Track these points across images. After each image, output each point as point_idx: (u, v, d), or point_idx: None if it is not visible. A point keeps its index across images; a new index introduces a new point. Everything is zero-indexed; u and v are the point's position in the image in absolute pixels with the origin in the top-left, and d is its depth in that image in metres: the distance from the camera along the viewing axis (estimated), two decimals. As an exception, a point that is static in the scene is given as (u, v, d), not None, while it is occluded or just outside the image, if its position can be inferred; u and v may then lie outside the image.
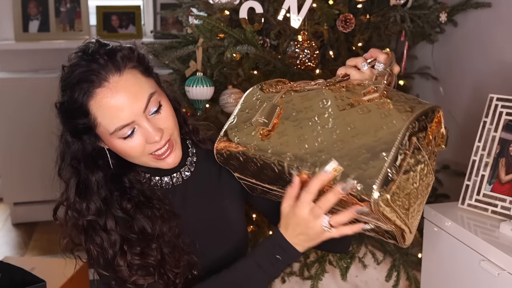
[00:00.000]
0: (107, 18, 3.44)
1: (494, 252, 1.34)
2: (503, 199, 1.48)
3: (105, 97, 1.03)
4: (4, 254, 2.91)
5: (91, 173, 1.12)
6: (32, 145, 3.22)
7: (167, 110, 1.10)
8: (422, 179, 0.99)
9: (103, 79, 1.04)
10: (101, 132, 1.07)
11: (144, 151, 1.08)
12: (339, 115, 1.00)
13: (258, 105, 1.09)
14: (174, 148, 1.11)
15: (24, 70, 3.33)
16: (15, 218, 3.30)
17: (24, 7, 3.31)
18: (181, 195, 1.19)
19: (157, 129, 1.07)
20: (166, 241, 1.11)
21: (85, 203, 1.11)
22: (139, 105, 1.05)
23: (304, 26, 1.90)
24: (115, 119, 1.04)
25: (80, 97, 1.05)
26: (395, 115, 0.96)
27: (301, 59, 1.89)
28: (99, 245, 1.08)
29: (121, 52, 1.06)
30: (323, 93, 1.04)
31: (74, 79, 1.06)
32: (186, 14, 2.22)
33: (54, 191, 1.16)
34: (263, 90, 1.12)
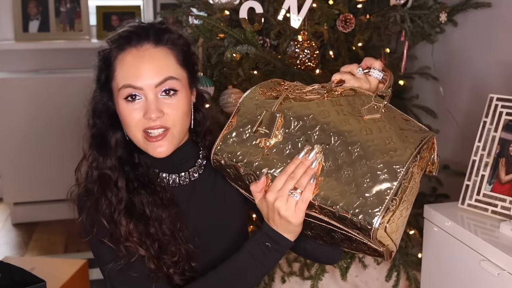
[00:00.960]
0: (107, 18, 3.44)
1: (494, 252, 1.34)
2: (503, 199, 1.48)
3: (130, 55, 1.10)
4: (4, 254, 2.91)
5: (112, 131, 1.17)
6: (32, 145, 3.23)
7: (179, 101, 1.12)
8: (410, 200, 1.00)
9: (138, 43, 1.11)
10: (114, 87, 1.13)
11: (139, 124, 1.11)
12: (341, 133, 0.99)
13: (257, 111, 1.08)
14: (167, 140, 1.12)
15: (24, 70, 3.33)
16: (15, 218, 3.30)
17: (24, 7, 3.31)
18: (187, 195, 1.20)
19: (158, 109, 1.09)
20: (165, 229, 1.13)
21: (102, 157, 1.15)
22: (155, 79, 1.09)
23: (304, 26, 1.90)
24: (127, 76, 1.10)
25: (114, 48, 1.12)
26: (398, 144, 0.96)
27: (301, 59, 1.89)
28: (109, 198, 1.12)
29: (170, 34, 1.14)
30: (324, 104, 1.03)
31: (120, 33, 1.14)
32: (186, 14, 2.22)
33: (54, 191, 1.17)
34: (261, 93, 1.11)
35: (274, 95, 1.09)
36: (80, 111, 1.25)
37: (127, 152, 1.17)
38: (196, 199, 1.20)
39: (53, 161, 3.25)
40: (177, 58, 1.13)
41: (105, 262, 1.12)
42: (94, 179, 1.16)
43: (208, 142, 1.24)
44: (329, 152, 0.99)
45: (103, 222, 1.11)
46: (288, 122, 1.04)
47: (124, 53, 1.11)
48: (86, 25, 3.38)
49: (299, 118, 1.03)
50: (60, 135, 3.23)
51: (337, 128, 1.00)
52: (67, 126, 3.24)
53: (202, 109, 1.25)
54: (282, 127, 1.04)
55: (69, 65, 3.38)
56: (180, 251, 1.13)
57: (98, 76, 1.17)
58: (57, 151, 3.25)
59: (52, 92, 3.20)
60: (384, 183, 0.93)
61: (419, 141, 0.96)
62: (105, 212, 1.11)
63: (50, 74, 3.29)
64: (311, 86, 1.09)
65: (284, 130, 1.04)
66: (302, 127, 1.02)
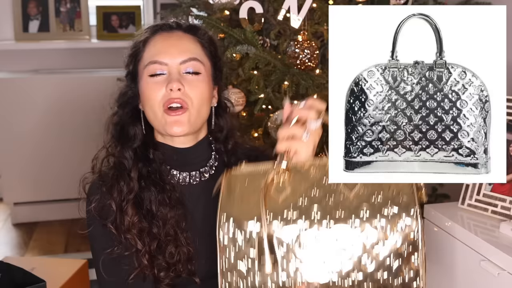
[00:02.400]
0: (107, 18, 3.44)
1: (494, 252, 1.34)
2: (503, 199, 1.48)
3: (160, 37, 1.18)
4: (4, 254, 2.91)
5: (132, 123, 1.21)
6: (32, 145, 3.22)
7: (200, 82, 1.15)
8: None
9: (169, 29, 1.19)
10: (140, 68, 1.18)
11: (161, 98, 1.13)
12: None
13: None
14: (185, 117, 1.14)
15: (24, 70, 3.33)
16: (15, 218, 3.30)
17: (24, 7, 3.31)
18: (195, 195, 1.20)
19: (180, 82, 1.13)
20: (168, 228, 1.13)
21: (120, 146, 1.20)
22: (180, 56, 1.15)
23: (304, 26, 1.90)
24: (154, 54, 1.16)
25: (145, 34, 1.20)
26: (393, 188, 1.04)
27: (301, 59, 1.89)
28: (121, 186, 1.14)
29: (201, 31, 1.21)
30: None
31: (156, 24, 1.22)
32: (186, 14, 2.22)
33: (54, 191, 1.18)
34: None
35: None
36: (80, 111, 1.26)
37: (144, 147, 1.20)
38: (203, 200, 1.20)
39: (53, 161, 3.25)
40: (203, 47, 1.19)
41: (102, 247, 1.13)
42: (110, 166, 1.19)
43: (230, 146, 1.26)
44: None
45: (113, 207, 1.13)
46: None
47: (154, 36, 1.18)
48: (86, 25, 3.38)
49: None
50: (60, 135, 3.24)
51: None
52: (67, 126, 3.25)
53: (225, 116, 1.27)
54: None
55: (69, 65, 3.38)
56: (180, 252, 1.13)
57: (127, 63, 1.22)
58: (57, 151, 3.25)
59: (52, 92, 3.20)
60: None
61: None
62: (116, 198, 1.13)
63: (50, 74, 3.29)
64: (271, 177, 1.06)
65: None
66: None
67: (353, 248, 1.00)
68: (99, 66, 3.40)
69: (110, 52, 3.40)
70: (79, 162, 3.24)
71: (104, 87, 3.73)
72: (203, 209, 1.20)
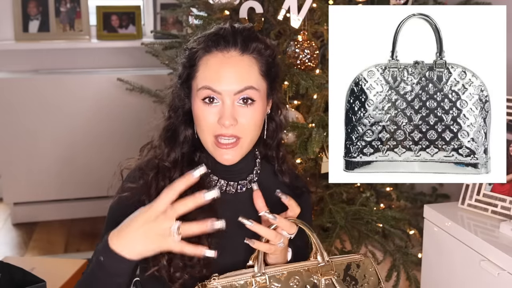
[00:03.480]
0: (107, 18, 3.44)
1: (494, 252, 1.34)
2: (503, 199, 1.48)
3: (216, 59, 1.12)
4: (4, 254, 2.91)
5: (184, 127, 1.19)
6: (32, 145, 3.22)
7: (255, 112, 1.13)
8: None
9: (225, 48, 1.13)
10: (193, 86, 1.15)
11: (212, 128, 1.12)
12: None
13: None
14: (237, 149, 1.13)
15: (24, 70, 3.33)
16: (15, 218, 3.30)
17: (24, 7, 3.31)
18: (227, 205, 1.18)
19: (233, 116, 1.11)
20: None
21: (168, 149, 1.19)
22: (235, 86, 1.11)
23: (304, 26, 1.90)
24: (209, 79, 1.12)
25: (201, 48, 1.14)
26: None
27: (301, 59, 1.89)
28: (160, 187, 1.13)
29: (258, 43, 1.15)
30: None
31: (209, 35, 1.15)
32: (186, 14, 2.22)
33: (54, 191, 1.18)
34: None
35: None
36: (80, 111, 1.26)
37: (192, 150, 1.19)
38: (233, 210, 1.17)
39: (53, 161, 3.25)
40: (261, 68, 1.14)
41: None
42: (152, 165, 1.19)
43: (281, 154, 1.26)
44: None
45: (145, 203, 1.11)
46: None
47: (209, 56, 1.13)
48: (86, 25, 3.38)
49: None
50: (60, 135, 3.24)
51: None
52: (67, 126, 3.25)
53: (276, 118, 1.25)
54: None
55: (69, 65, 3.38)
56: (201, 259, 1.11)
57: (181, 72, 1.18)
58: (57, 151, 3.25)
59: (52, 92, 3.20)
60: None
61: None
62: (152, 196, 1.10)
63: (50, 74, 3.29)
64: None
65: None
66: None
67: None
68: (99, 66, 3.40)
69: (110, 52, 3.40)
70: (79, 162, 3.26)
71: (104, 87, 3.74)
72: (231, 220, 1.19)
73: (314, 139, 1.79)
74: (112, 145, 3.23)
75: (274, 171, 1.27)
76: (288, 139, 1.89)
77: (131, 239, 0.99)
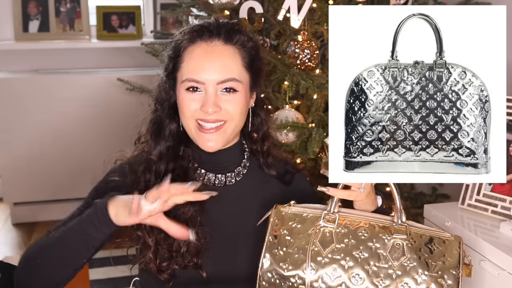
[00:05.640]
0: (107, 18, 3.44)
1: (494, 252, 1.34)
2: (503, 199, 1.48)
3: (199, 49, 1.15)
4: (4, 254, 2.91)
5: (169, 121, 1.21)
6: (32, 145, 3.22)
7: (238, 100, 1.15)
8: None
9: (209, 38, 1.15)
10: (178, 77, 1.17)
11: (194, 114, 1.14)
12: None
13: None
14: (221, 134, 1.15)
15: (24, 70, 3.33)
16: (15, 218, 3.30)
17: (24, 7, 3.31)
18: (231, 196, 1.20)
19: (216, 104, 1.13)
20: (180, 222, 1.12)
21: (154, 143, 1.21)
22: (218, 76, 1.13)
23: (304, 26, 1.90)
24: (193, 70, 1.14)
25: (186, 40, 1.17)
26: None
27: (301, 59, 1.89)
28: (146, 181, 1.16)
29: (241, 35, 1.17)
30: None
31: (194, 27, 1.18)
32: (186, 14, 2.22)
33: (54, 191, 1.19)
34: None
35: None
36: (80, 111, 1.27)
37: (176, 144, 1.21)
38: (223, 204, 1.20)
39: (53, 161, 3.25)
40: (244, 60, 1.16)
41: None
42: (140, 160, 1.21)
43: (266, 147, 1.26)
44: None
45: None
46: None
47: (193, 46, 1.15)
48: (86, 25, 3.38)
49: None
50: (60, 135, 3.23)
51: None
52: (67, 126, 3.25)
53: (261, 114, 1.27)
54: None
55: (69, 65, 3.38)
56: (189, 246, 1.13)
57: (167, 64, 1.20)
58: (57, 151, 3.25)
59: (52, 92, 3.20)
60: None
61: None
62: (142, 191, 1.12)
63: (50, 74, 3.29)
64: (318, 227, 1.08)
65: None
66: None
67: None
68: (99, 66, 3.40)
69: (110, 52, 3.40)
70: (79, 162, 3.25)
71: (104, 87, 3.74)
72: (221, 212, 1.20)
73: (314, 139, 1.79)
74: (112, 145, 3.23)
75: (260, 165, 1.27)
76: (288, 139, 1.89)
77: (125, 208, 1.04)
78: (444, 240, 1.04)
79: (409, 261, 1.01)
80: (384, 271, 1.01)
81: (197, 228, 1.13)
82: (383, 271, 1.01)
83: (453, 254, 1.04)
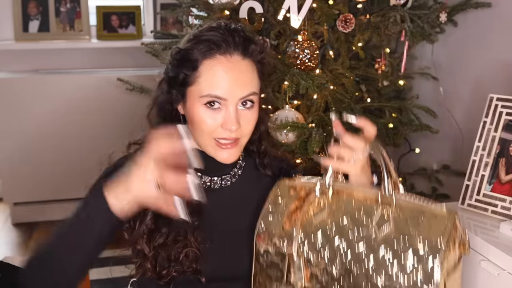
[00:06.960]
0: (107, 18, 3.44)
1: (494, 252, 1.34)
2: (503, 199, 1.48)
3: (220, 65, 1.10)
4: (4, 254, 2.90)
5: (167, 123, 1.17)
6: (32, 145, 3.22)
7: (253, 114, 1.15)
8: None
9: (228, 52, 1.11)
10: (193, 91, 1.12)
11: (214, 132, 1.12)
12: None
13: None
14: (237, 148, 1.15)
15: (24, 70, 3.33)
16: (15, 218, 3.30)
17: (24, 7, 3.31)
18: (213, 200, 1.18)
19: (238, 121, 1.11)
20: (177, 226, 1.12)
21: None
22: (241, 92, 1.11)
23: (304, 26, 1.90)
24: (215, 86, 1.10)
25: (201, 51, 1.11)
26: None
27: (301, 59, 1.89)
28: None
29: (255, 45, 1.15)
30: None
31: (206, 35, 1.13)
32: (186, 14, 2.22)
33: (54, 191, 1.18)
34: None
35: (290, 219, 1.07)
36: (80, 111, 1.26)
37: None
38: (219, 206, 1.20)
39: (53, 161, 3.25)
40: (258, 70, 1.16)
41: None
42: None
43: (263, 147, 1.26)
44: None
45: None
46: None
47: (212, 60, 1.11)
48: (86, 25, 3.38)
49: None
50: (60, 135, 3.23)
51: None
52: (67, 126, 3.25)
53: (259, 114, 1.24)
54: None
55: (69, 65, 3.38)
56: (188, 251, 1.12)
57: (176, 73, 1.15)
58: (57, 151, 3.25)
59: (52, 92, 3.20)
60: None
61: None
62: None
63: (50, 74, 3.29)
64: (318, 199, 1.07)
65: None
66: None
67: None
68: (99, 66, 3.40)
69: (110, 52, 3.40)
70: (79, 162, 3.26)
71: (104, 87, 3.74)
72: (220, 215, 1.20)
73: (314, 139, 1.79)
74: (112, 145, 3.23)
75: (256, 165, 1.27)
76: (288, 139, 1.89)
77: (120, 185, 1.00)
78: (436, 215, 0.98)
79: (394, 233, 0.98)
80: (367, 240, 1.00)
81: (196, 234, 1.13)
82: (367, 240, 0.99)
83: (443, 231, 0.96)
